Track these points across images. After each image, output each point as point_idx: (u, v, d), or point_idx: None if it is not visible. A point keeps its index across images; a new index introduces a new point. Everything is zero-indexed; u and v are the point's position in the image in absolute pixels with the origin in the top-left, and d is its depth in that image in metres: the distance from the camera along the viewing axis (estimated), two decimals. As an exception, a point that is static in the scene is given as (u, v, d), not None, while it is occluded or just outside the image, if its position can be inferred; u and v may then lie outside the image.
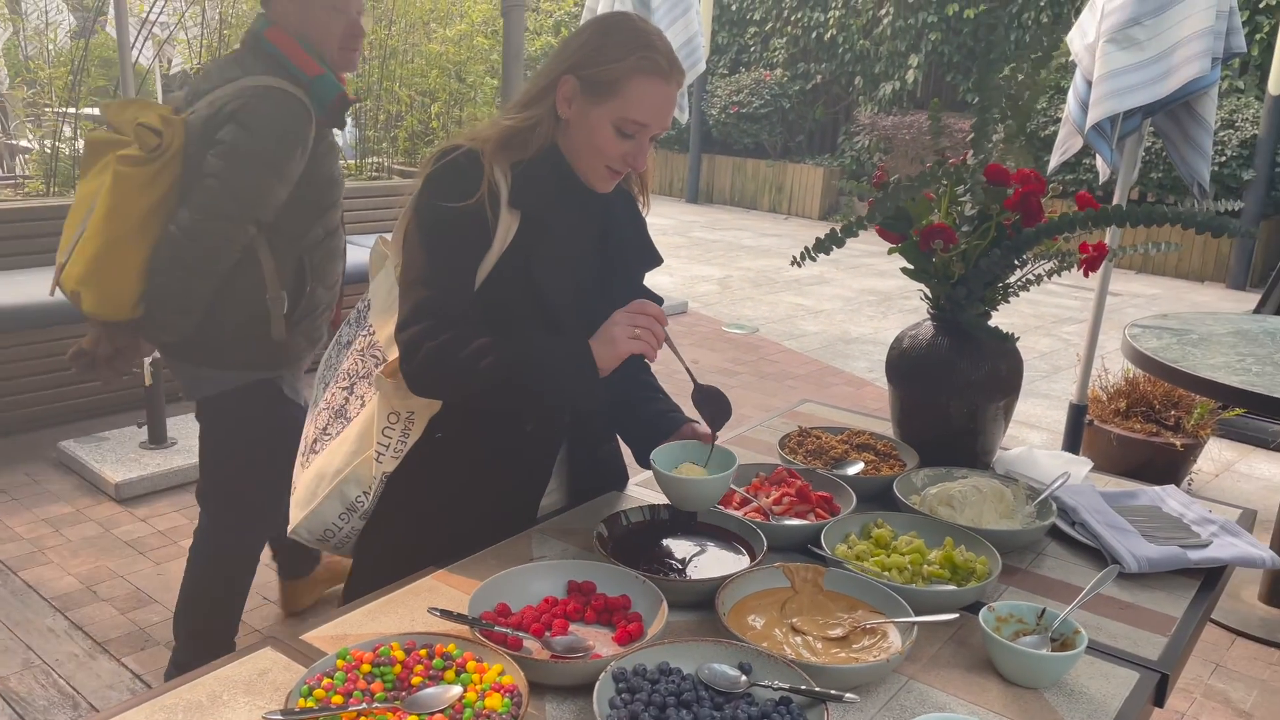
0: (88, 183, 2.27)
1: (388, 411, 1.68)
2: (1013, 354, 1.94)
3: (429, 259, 1.57)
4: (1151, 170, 9.25)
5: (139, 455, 3.94)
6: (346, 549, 1.79)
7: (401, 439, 1.68)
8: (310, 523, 1.74)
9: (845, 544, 1.64)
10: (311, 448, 1.80)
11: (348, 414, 1.76)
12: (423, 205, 1.60)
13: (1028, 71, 1.88)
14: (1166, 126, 3.66)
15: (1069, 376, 6.01)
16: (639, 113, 1.57)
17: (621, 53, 1.55)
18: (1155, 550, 1.68)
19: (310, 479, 1.75)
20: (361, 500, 1.71)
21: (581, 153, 1.62)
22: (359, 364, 1.77)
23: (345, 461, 1.71)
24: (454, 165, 1.59)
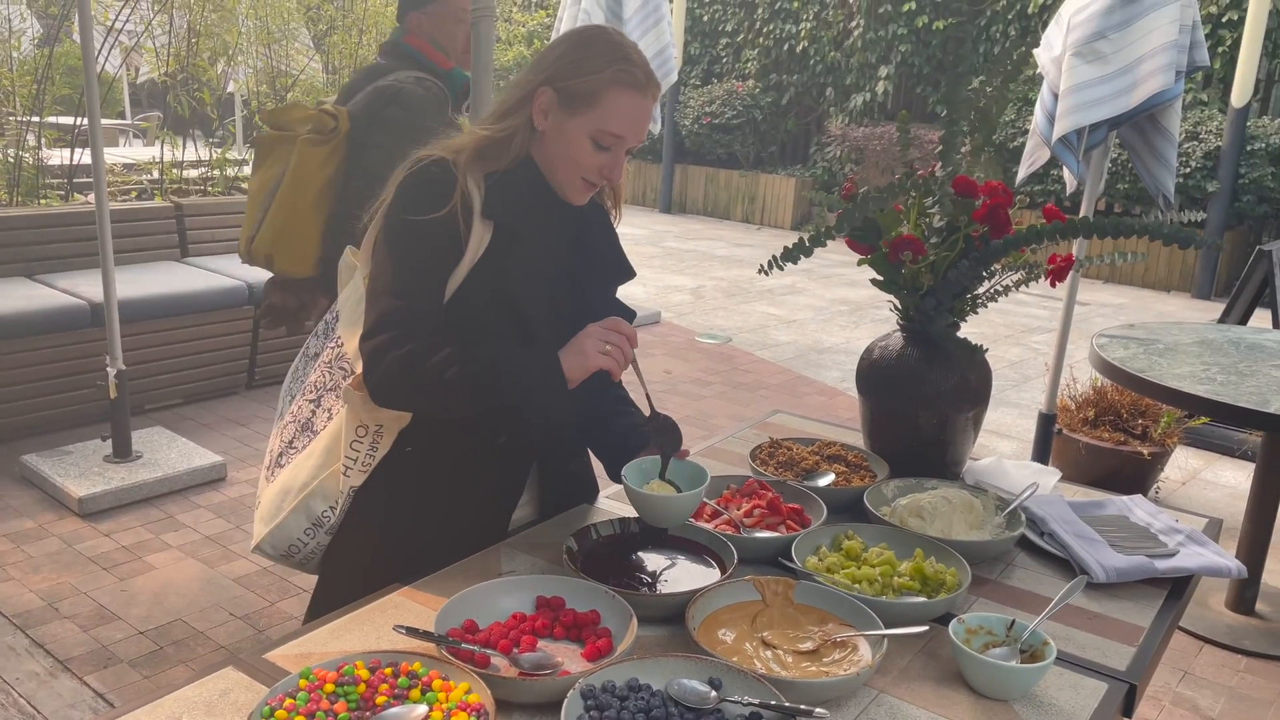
0: (261, 174, 2.66)
1: (356, 425, 1.65)
2: (982, 365, 1.95)
3: (397, 269, 1.56)
4: (1118, 181, 9.37)
5: (103, 469, 3.87)
6: (311, 565, 1.77)
7: (370, 453, 1.65)
8: (274, 538, 1.72)
9: (816, 556, 1.64)
10: (276, 461, 1.78)
11: (314, 427, 1.74)
12: (393, 215, 1.58)
13: (996, 85, 1.89)
14: (1132, 139, 3.71)
15: (1038, 385, 6.06)
16: (616, 125, 1.57)
17: (599, 65, 1.55)
18: (1123, 560, 1.69)
19: (275, 493, 1.73)
20: (328, 515, 1.69)
21: (557, 164, 1.61)
22: (326, 376, 1.75)
23: (311, 475, 1.69)
24: (426, 175, 1.58)
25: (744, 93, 12.82)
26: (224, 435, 4.51)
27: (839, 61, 12.33)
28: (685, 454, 1.71)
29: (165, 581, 3.24)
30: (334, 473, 1.67)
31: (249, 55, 6.34)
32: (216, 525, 3.65)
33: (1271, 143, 9.12)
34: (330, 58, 6.55)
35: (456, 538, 1.63)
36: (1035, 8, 10.45)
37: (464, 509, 1.68)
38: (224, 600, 3.14)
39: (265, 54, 6.30)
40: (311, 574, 1.80)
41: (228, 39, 5.93)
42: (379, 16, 6.37)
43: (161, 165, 5.75)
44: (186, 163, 5.98)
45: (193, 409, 4.79)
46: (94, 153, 3.67)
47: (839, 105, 12.44)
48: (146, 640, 2.91)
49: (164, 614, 3.05)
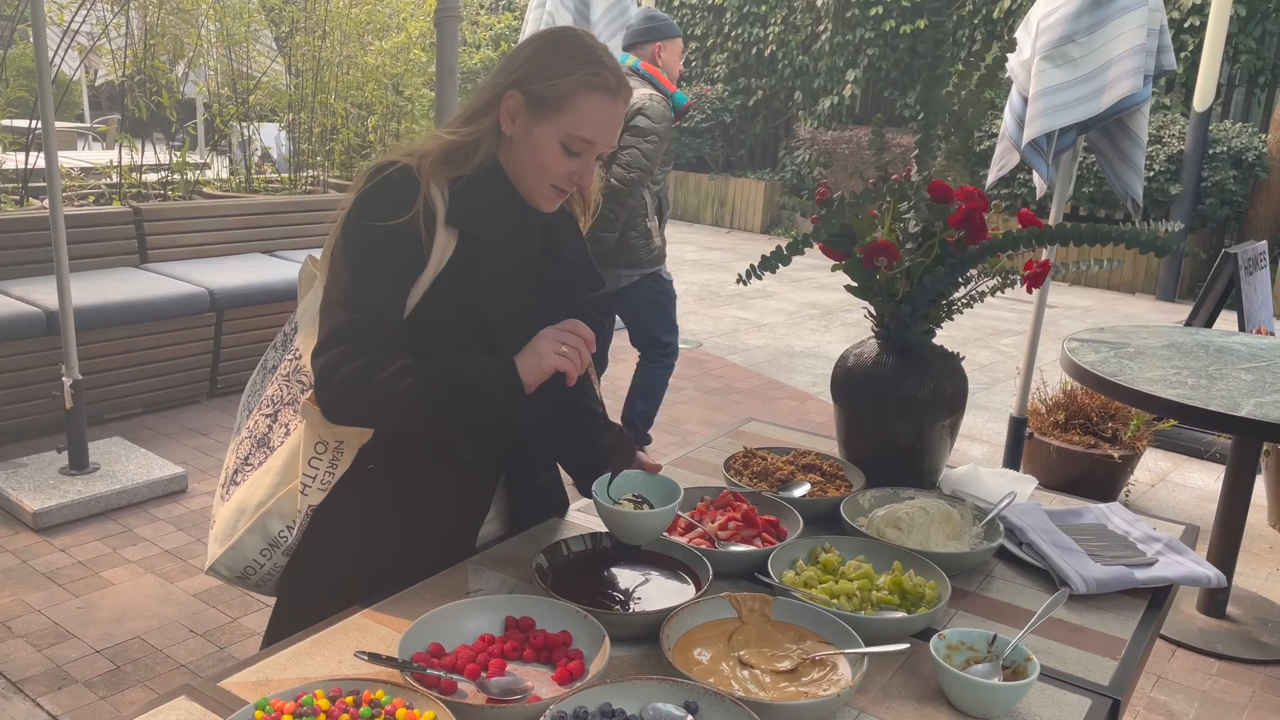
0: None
1: (315, 441, 1.59)
2: (958, 372, 1.92)
3: (353, 279, 1.50)
4: (1083, 185, 9.46)
5: (59, 482, 3.77)
6: (268, 587, 1.70)
7: (330, 470, 1.59)
8: (229, 559, 1.65)
9: (793, 570, 1.60)
10: (232, 479, 1.70)
11: (271, 443, 1.67)
12: (351, 223, 1.53)
13: (970, 89, 1.87)
14: (1100, 143, 3.71)
15: (1008, 389, 6.08)
16: (586, 129, 1.52)
17: (569, 68, 1.51)
18: (1103, 571, 1.66)
19: (230, 512, 1.66)
20: (285, 535, 1.62)
21: (526, 170, 1.56)
22: (283, 390, 1.69)
23: (268, 494, 1.62)
24: (388, 182, 1.53)
25: (713, 96, 12.82)
26: (185, 445, 4.41)
27: (807, 65, 12.36)
28: (658, 468, 1.67)
29: (123, 598, 3.15)
30: (291, 491, 1.61)
31: (209, 57, 6.22)
32: (176, 539, 3.56)
33: (1233, 146, 9.24)
34: (293, 59, 6.45)
35: (422, 556, 1.57)
36: (1000, 12, 10.53)
37: (429, 526, 1.62)
38: (184, 616, 3.05)
39: (226, 56, 6.19)
40: (269, 596, 1.73)
41: (186, 40, 5.82)
42: (342, 18, 6.28)
43: (120, 169, 5.62)
44: (146, 166, 5.85)
45: (153, 418, 4.68)
46: (48, 156, 3.57)
47: (807, 109, 12.47)
48: (103, 659, 2.82)
49: (122, 632, 2.96)
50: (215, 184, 6.16)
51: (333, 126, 6.56)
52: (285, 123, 6.73)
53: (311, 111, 6.29)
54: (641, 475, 1.65)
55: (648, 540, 1.58)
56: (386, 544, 1.61)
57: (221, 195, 5.83)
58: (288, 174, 6.52)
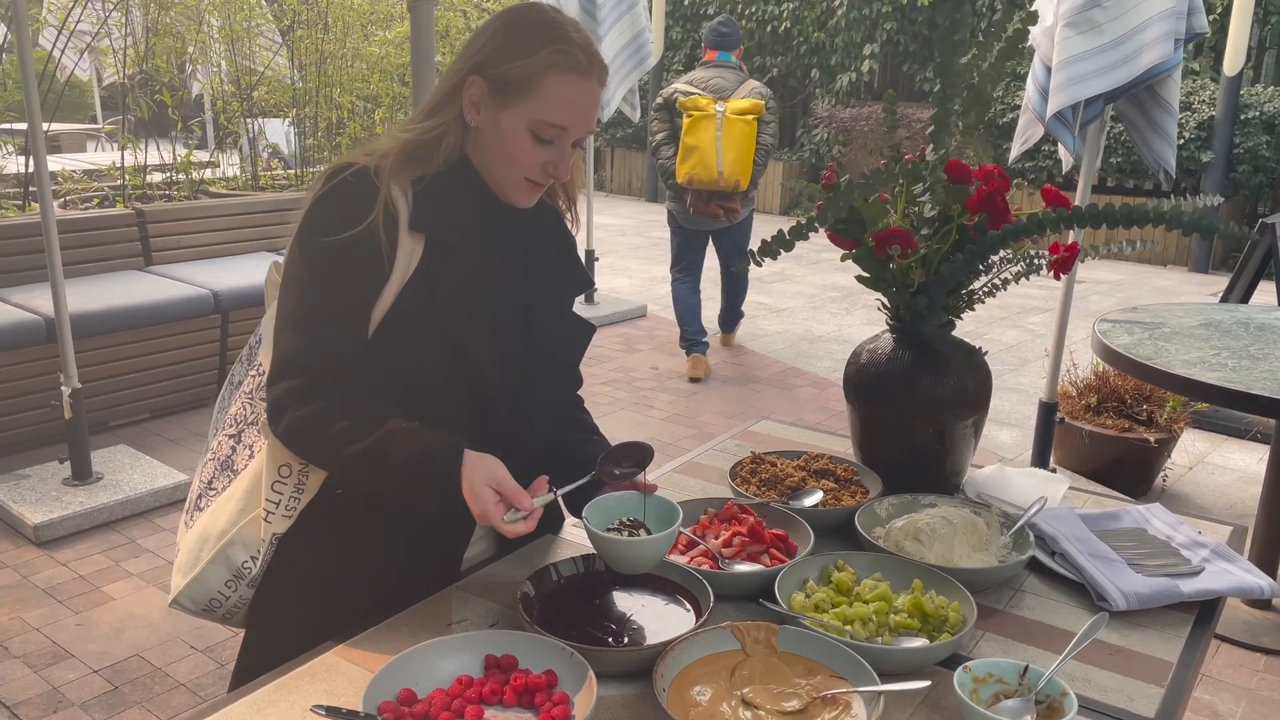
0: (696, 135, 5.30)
1: (278, 464, 1.47)
2: (981, 367, 1.78)
3: (302, 299, 1.38)
4: (1111, 155, 9.20)
5: (61, 493, 3.69)
6: (237, 619, 1.58)
7: (294, 495, 1.47)
8: (193, 591, 1.52)
9: (803, 592, 1.47)
10: (195, 504, 1.59)
11: (235, 466, 1.55)
12: (303, 233, 1.40)
13: (991, 60, 1.71)
14: (1130, 112, 3.53)
15: (1036, 369, 5.89)
16: (556, 114, 1.39)
17: (533, 47, 1.37)
18: (1145, 584, 1.52)
19: (193, 541, 1.54)
20: (249, 566, 1.50)
21: (495, 164, 1.43)
22: (247, 408, 1.56)
23: (230, 521, 1.50)
24: (343, 187, 1.40)
25: (728, 77, 12.60)
26: (192, 451, 4.33)
27: (823, 42, 12.12)
28: (653, 488, 1.52)
29: (124, 613, 3.06)
30: (255, 518, 1.49)
31: (213, 54, 6.13)
32: (180, 549, 3.47)
33: (1265, 110, 8.95)
34: (296, 53, 6.33)
35: (399, 584, 1.45)
36: (1021, -20, 10.26)
37: (405, 553, 1.50)
38: (185, 632, 2.96)
39: (229, 52, 6.09)
40: (238, 628, 1.62)
41: (187, 37, 5.72)
42: (344, 9, 6.16)
43: (123, 170, 5.54)
44: (151, 166, 5.77)
45: (159, 424, 4.60)
46: (37, 160, 3.48)
47: (825, 86, 12.24)
48: (101, 680, 2.74)
49: (121, 650, 2.87)
50: (221, 183, 6.08)
51: (339, 120, 6.45)
52: (291, 118, 6.63)
53: (316, 105, 6.18)
54: (636, 497, 1.52)
55: (645, 569, 1.44)
56: (359, 573, 1.48)
57: (226, 194, 5.74)
58: (294, 170, 6.42)
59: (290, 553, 1.49)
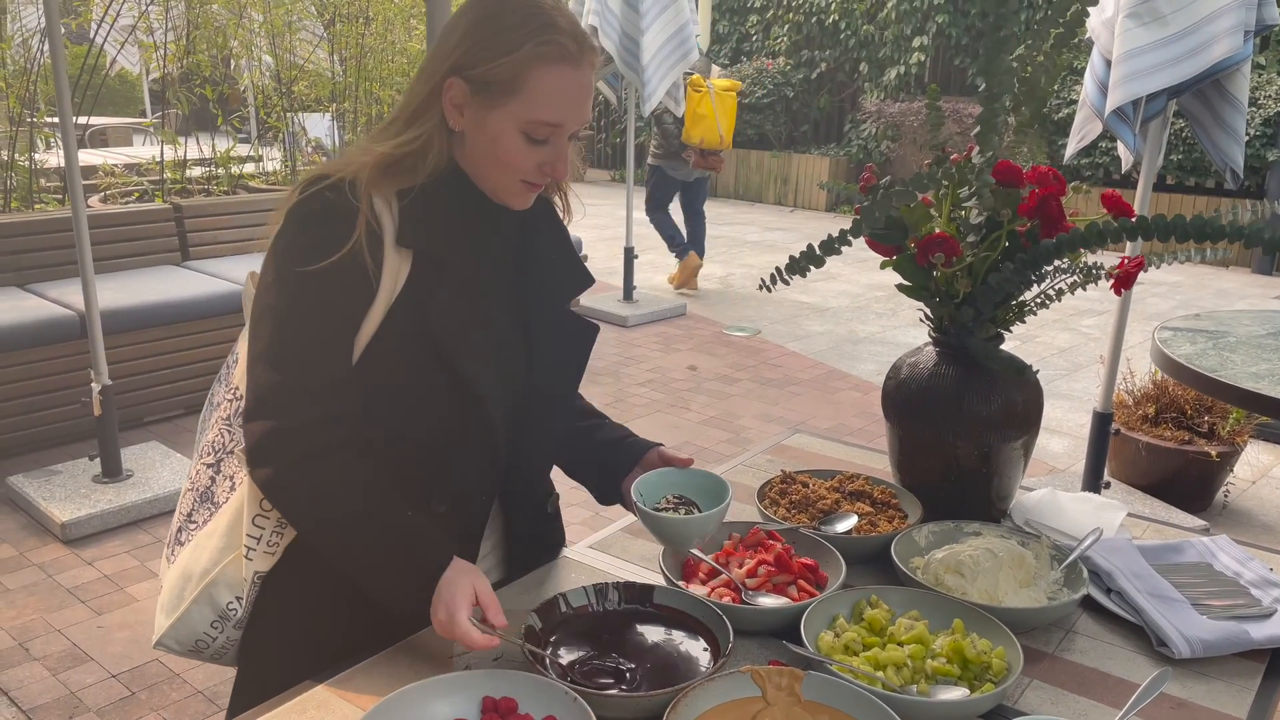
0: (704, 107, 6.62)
1: (259, 497, 1.35)
2: (1031, 384, 1.64)
3: (278, 331, 1.26)
4: (1172, 152, 8.89)
5: (90, 490, 3.67)
6: (227, 659, 1.48)
7: (277, 530, 1.37)
8: (177, 632, 1.42)
9: (832, 630, 1.35)
10: (176, 538, 1.47)
11: (215, 498, 1.43)
12: (279, 258, 1.27)
13: (1045, 51, 1.58)
14: (1194, 108, 3.34)
15: (1090, 375, 5.68)
16: (548, 111, 1.26)
17: (516, 40, 1.24)
18: (1210, 629, 1.38)
19: (175, 579, 1.43)
20: (234, 607, 1.39)
21: (486, 168, 1.31)
22: (225, 435, 1.44)
23: (213, 560, 1.38)
24: (318, 204, 1.27)
25: (774, 70, 12.42)
26: (224, 448, 4.30)
27: (872, 34, 11.89)
28: (689, 462, 1.52)
29: (145, 615, 3.02)
30: (238, 556, 1.38)
31: (255, 49, 6.12)
32: (206, 550, 3.43)
33: (1336, 106, 8.59)
34: (337, 47, 6.30)
35: (398, 620, 1.34)
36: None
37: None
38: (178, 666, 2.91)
39: (271, 46, 6.07)
40: (229, 667, 1.53)
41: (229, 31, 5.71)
42: (385, 4, 6.12)
43: (162, 165, 5.54)
44: (191, 161, 5.77)
45: (192, 420, 4.58)
46: (67, 153, 3.45)
47: (873, 80, 12.01)
48: (118, 684, 2.69)
49: (140, 653, 2.83)
50: (260, 178, 6.07)
51: (379, 115, 6.41)
52: (334, 112, 6.61)
53: (356, 100, 6.14)
54: (676, 473, 1.50)
55: (696, 544, 1.45)
56: (352, 608, 1.36)
57: (265, 189, 5.72)
58: (334, 165, 6.40)
59: (276, 590, 1.39)
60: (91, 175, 5.91)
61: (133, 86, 11.86)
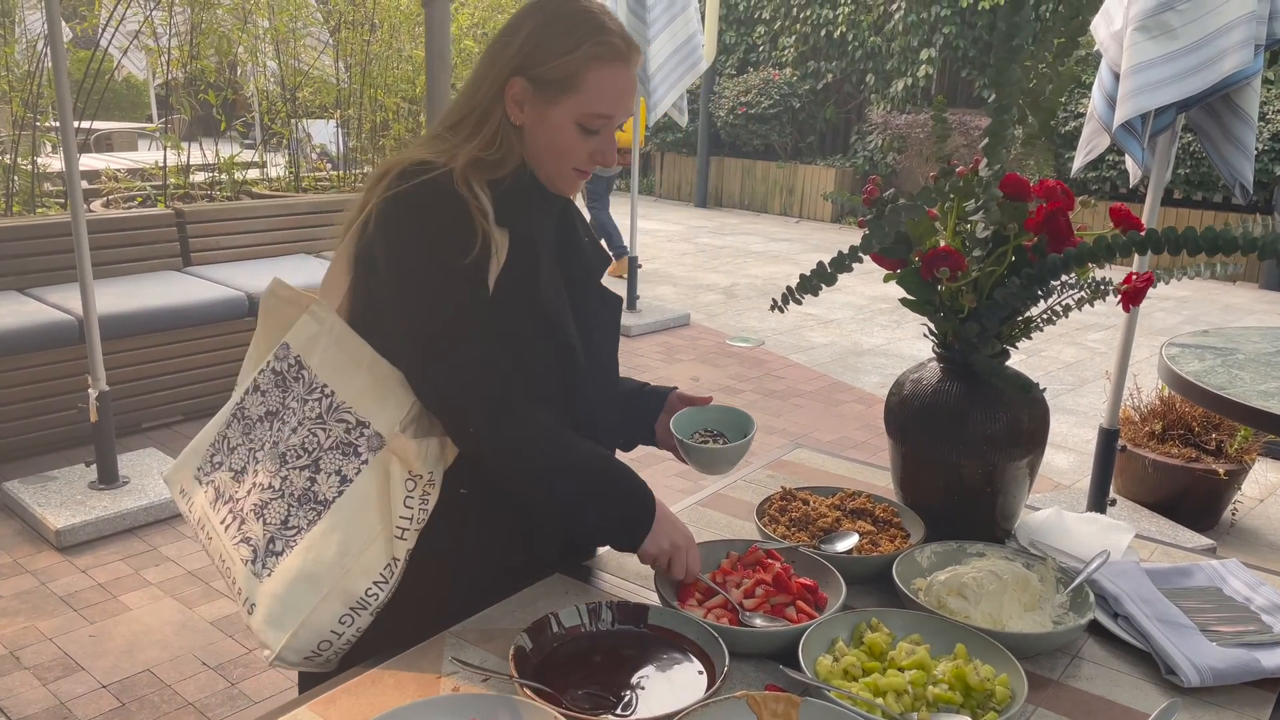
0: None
1: (405, 478, 1.40)
2: (1038, 402, 1.61)
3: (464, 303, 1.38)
4: (1179, 166, 8.85)
5: (86, 497, 3.64)
6: (335, 663, 1.44)
7: (423, 507, 1.42)
8: (300, 640, 1.38)
9: (831, 654, 1.32)
10: (268, 550, 1.43)
11: (319, 496, 1.42)
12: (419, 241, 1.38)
13: (1049, 62, 1.55)
14: (1204, 122, 3.30)
15: (1096, 389, 5.64)
16: (603, 105, 1.42)
17: (574, 42, 1.40)
18: (1220, 656, 1.34)
19: (281, 588, 1.39)
20: (374, 593, 1.40)
21: (544, 158, 1.46)
22: (319, 434, 1.44)
23: (342, 551, 1.39)
24: (437, 188, 1.38)
25: (781, 81, 12.42)
26: (223, 455, 4.27)
27: (879, 46, 11.88)
28: (708, 400, 1.71)
29: (138, 625, 2.99)
30: (376, 538, 1.40)
31: (260, 55, 6.11)
32: (202, 558, 3.40)
33: (1345, 122, 8.54)
34: (342, 53, 6.29)
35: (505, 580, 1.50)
36: (1087, -15, 9.91)
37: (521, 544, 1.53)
38: (198, 647, 2.88)
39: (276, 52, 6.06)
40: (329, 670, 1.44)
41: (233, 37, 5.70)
42: (390, 11, 6.11)
43: (165, 170, 5.53)
44: (195, 166, 5.76)
45: (191, 427, 4.55)
46: (66, 157, 3.44)
47: (880, 92, 11.99)
48: (109, 696, 2.66)
49: (132, 664, 2.80)
50: (263, 184, 6.05)
51: (384, 121, 6.40)
52: (339, 118, 6.60)
53: (360, 107, 6.13)
54: (702, 410, 1.69)
55: (728, 470, 1.68)
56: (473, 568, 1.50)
57: (268, 195, 5.70)
58: (339, 171, 6.38)
59: (419, 563, 1.43)
60: (95, 180, 5.90)
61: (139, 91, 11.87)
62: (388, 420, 1.41)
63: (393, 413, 1.41)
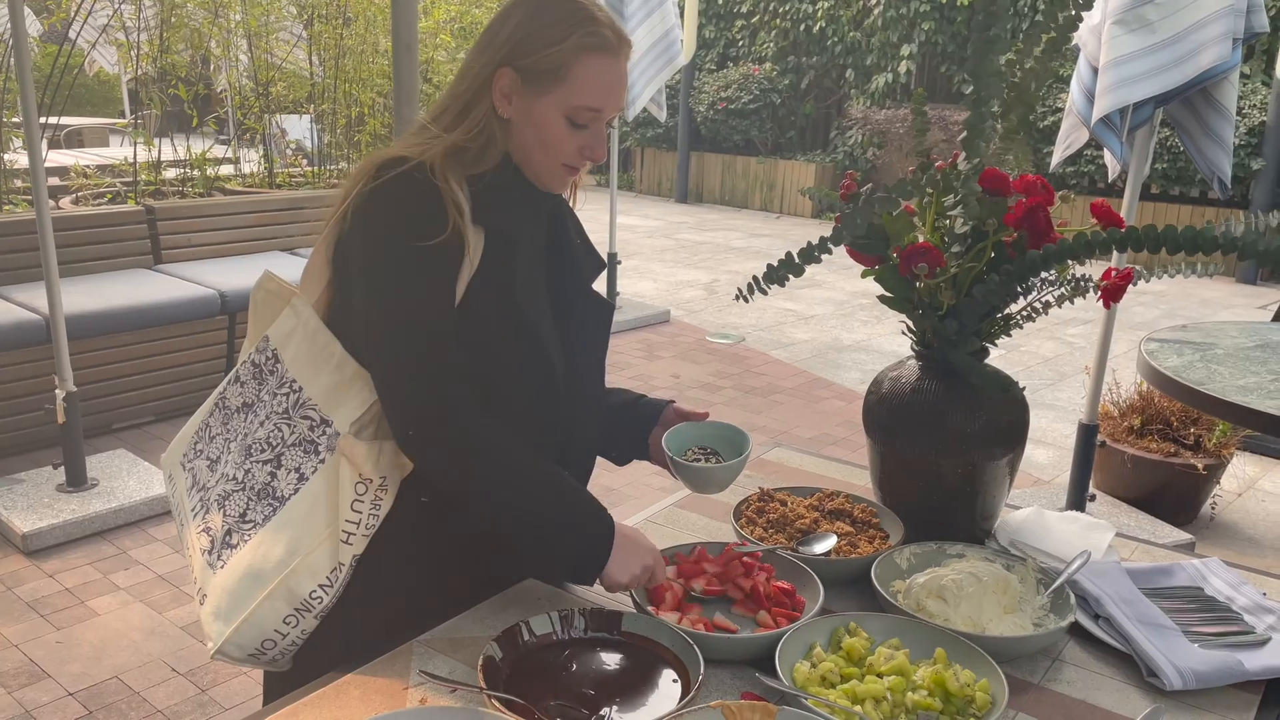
0: None
1: (355, 480, 1.37)
2: (1017, 401, 1.58)
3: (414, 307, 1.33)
4: (1157, 161, 8.89)
5: (53, 500, 3.57)
6: (284, 662, 1.43)
7: (373, 512, 1.37)
8: (242, 636, 1.37)
9: (808, 660, 1.29)
10: (225, 541, 1.42)
11: (277, 492, 1.40)
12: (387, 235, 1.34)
13: (1036, 56, 1.52)
14: (1182, 116, 3.30)
15: (1075, 384, 5.65)
16: (591, 97, 1.38)
17: (562, 32, 1.36)
18: (1203, 659, 1.32)
19: (232, 581, 1.38)
20: (319, 596, 1.37)
21: (532, 153, 1.42)
22: (284, 429, 1.42)
23: (290, 551, 1.36)
24: (411, 182, 1.34)
25: (761, 76, 12.39)
26: (195, 456, 4.20)
27: (859, 41, 11.87)
28: (704, 415, 1.65)
29: (106, 631, 2.93)
30: (323, 542, 1.37)
31: (233, 49, 6.02)
32: (172, 561, 3.34)
33: (1320, 117, 8.60)
34: (316, 46, 6.20)
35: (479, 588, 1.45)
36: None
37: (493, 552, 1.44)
38: (167, 653, 2.83)
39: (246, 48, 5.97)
40: (281, 669, 1.45)
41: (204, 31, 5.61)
42: (364, 4, 6.03)
43: (135, 166, 5.44)
44: (167, 162, 5.67)
45: (163, 427, 4.48)
46: (31, 153, 3.37)
47: (860, 87, 11.99)
48: (75, 704, 2.60)
49: (100, 671, 2.74)
50: (237, 180, 5.97)
51: (359, 116, 6.32)
52: (313, 113, 6.52)
53: (334, 101, 6.05)
54: (698, 426, 1.62)
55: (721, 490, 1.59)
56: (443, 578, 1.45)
57: (241, 191, 5.62)
58: (314, 167, 6.31)
59: (368, 571, 1.39)
60: (65, 176, 5.80)
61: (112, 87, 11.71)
62: (344, 421, 1.38)
63: (349, 413, 1.38)
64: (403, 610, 1.40)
